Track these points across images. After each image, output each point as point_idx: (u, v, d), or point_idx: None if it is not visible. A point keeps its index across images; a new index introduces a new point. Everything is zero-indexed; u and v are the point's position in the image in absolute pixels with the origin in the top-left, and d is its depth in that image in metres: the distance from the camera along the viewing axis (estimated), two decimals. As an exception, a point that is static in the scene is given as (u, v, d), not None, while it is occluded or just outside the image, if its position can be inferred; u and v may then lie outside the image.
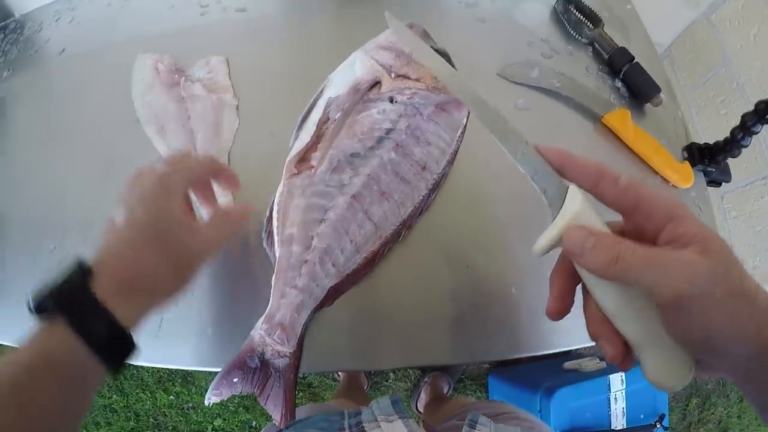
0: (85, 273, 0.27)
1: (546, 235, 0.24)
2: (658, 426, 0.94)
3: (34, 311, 0.25)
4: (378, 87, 0.40)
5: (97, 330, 0.25)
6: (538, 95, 0.53)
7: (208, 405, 0.37)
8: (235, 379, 0.38)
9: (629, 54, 0.55)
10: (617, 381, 0.93)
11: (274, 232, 0.40)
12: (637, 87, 0.54)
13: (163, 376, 1.27)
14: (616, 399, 0.92)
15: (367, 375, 1.22)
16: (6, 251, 0.49)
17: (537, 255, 0.25)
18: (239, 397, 1.22)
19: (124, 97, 0.54)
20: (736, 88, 0.79)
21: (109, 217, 0.31)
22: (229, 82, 0.53)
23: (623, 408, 0.93)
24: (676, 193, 0.51)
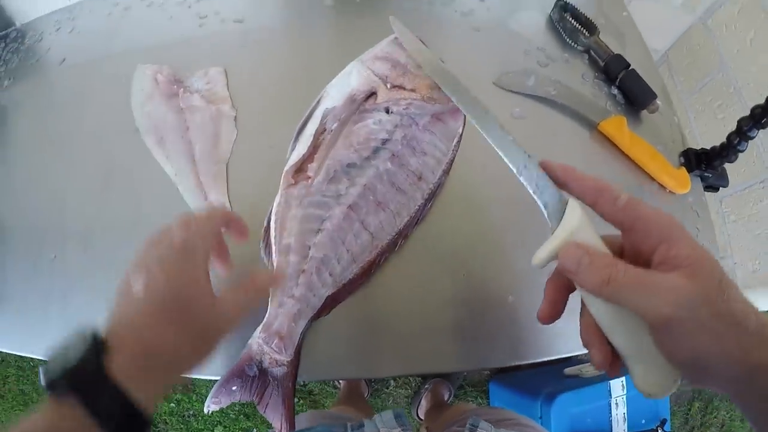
0: (99, 349, 0.25)
1: (544, 248, 0.25)
2: (659, 431, 0.94)
3: (46, 389, 0.24)
4: (374, 98, 0.41)
5: (111, 412, 0.24)
6: (534, 104, 0.54)
7: (207, 413, 0.37)
8: (234, 388, 0.38)
9: (625, 61, 0.55)
10: (618, 386, 0.93)
11: (272, 241, 0.40)
12: (633, 94, 0.54)
13: (163, 383, 1.27)
14: (617, 404, 0.92)
15: (368, 382, 1.22)
16: (7, 259, 0.49)
17: (536, 267, 0.26)
18: (240, 404, 1.22)
19: (124, 107, 0.54)
20: (734, 93, 0.79)
21: (124, 280, 0.28)
22: (227, 93, 0.54)
23: (624, 413, 0.92)
24: (674, 199, 0.51)
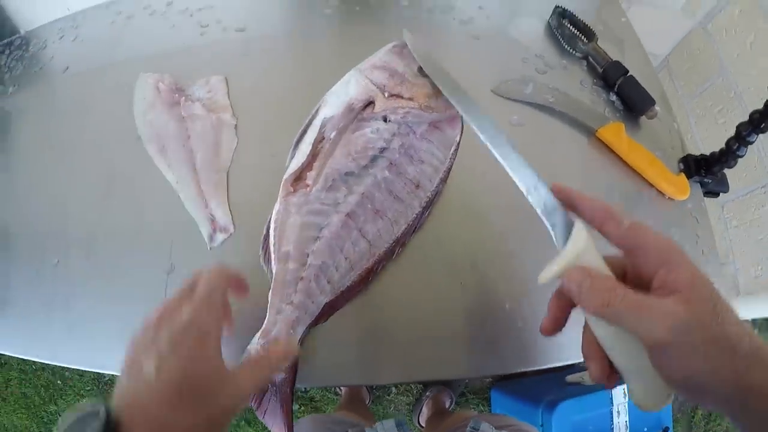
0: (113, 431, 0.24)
1: (550, 268, 0.26)
2: (662, 438, 0.93)
3: None
4: (372, 106, 0.41)
5: None
6: (533, 111, 0.54)
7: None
8: (232, 394, 0.38)
9: (623, 67, 0.55)
10: (620, 394, 0.92)
11: (271, 249, 0.40)
12: (631, 100, 0.54)
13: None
14: (618, 412, 0.91)
15: (369, 389, 1.21)
16: (10, 264, 0.50)
17: (541, 284, 0.27)
18: (241, 411, 1.21)
19: (126, 115, 0.55)
20: (734, 97, 0.79)
21: (133, 358, 0.27)
22: (228, 102, 0.54)
23: (626, 421, 0.91)
24: (673, 205, 0.51)
